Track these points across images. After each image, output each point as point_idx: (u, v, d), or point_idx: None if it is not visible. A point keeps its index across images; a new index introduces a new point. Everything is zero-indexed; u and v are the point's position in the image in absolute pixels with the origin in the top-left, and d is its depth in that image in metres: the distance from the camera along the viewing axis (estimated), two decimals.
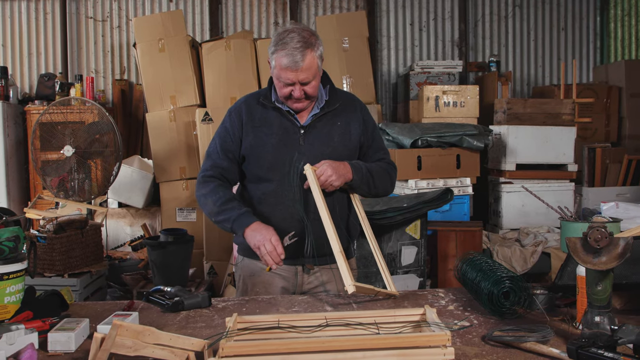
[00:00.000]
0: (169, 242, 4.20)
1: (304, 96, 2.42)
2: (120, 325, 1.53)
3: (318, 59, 2.40)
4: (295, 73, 2.35)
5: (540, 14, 7.66)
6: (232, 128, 2.54)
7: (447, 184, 5.07)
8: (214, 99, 5.56)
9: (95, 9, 7.16)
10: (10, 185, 5.80)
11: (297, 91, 2.39)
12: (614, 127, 6.79)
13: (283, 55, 2.34)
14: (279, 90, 2.45)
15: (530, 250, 4.74)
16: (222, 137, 2.56)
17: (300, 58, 2.32)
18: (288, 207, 2.46)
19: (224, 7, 7.29)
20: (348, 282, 2.12)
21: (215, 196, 2.45)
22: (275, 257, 2.28)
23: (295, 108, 2.48)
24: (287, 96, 2.43)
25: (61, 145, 4.47)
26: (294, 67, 2.33)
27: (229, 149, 2.53)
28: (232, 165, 2.54)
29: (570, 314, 2.09)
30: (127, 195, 5.69)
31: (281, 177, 2.47)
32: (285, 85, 2.40)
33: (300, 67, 2.33)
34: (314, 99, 2.50)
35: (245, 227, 2.36)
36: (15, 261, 2.03)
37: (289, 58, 2.33)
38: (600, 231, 1.77)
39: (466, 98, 5.81)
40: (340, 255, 2.21)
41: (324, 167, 2.39)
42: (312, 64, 2.37)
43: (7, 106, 5.79)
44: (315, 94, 2.47)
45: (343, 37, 5.70)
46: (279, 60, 2.36)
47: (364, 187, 2.54)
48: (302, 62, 2.33)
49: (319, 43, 2.42)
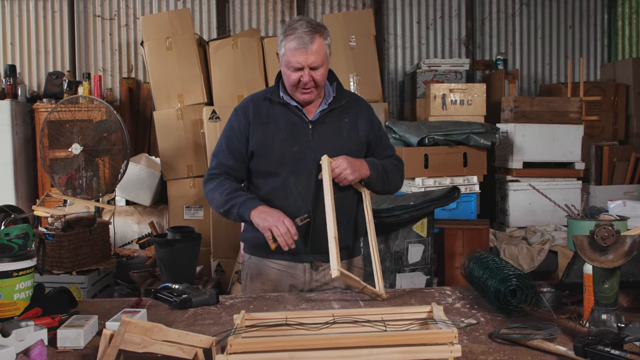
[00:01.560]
0: (177, 240, 4.23)
1: (313, 84, 2.42)
2: (129, 322, 1.54)
3: (327, 47, 2.42)
4: (304, 55, 2.36)
5: (548, 12, 7.64)
6: (238, 126, 2.55)
7: (454, 182, 5.06)
8: (221, 97, 5.57)
9: (103, 7, 7.19)
10: (19, 182, 5.83)
11: (306, 76, 2.39)
12: (622, 125, 6.77)
13: (292, 39, 2.36)
14: (287, 79, 2.45)
15: (538, 248, 4.73)
16: (228, 136, 2.57)
17: (309, 40, 2.35)
18: (297, 200, 2.47)
19: (231, 5, 7.30)
20: (334, 266, 2.12)
21: (221, 188, 2.46)
22: (288, 239, 2.28)
23: (303, 100, 2.48)
24: (295, 84, 2.43)
25: (69, 143, 4.49)
26: (304, 48, 2.35)
27: (235, 148, 2.54)
28: (238, 164, 2.55)
29: (577, 312, 2.09)
30: (134, 193, 5.71)
31: (290, 171, 2.47)
32: (294, 70, 2.40)
33: (309, 49, 2.35)
34: (321, 91, 2.51)
35: (251, 209, 2.36)
36: (24, 258, 2.05)
37: (298, 40, 2.35)
38: (607, 229, 1.77)
39: (473, 96, 5.80)
40: (334, 240, 2.21)
41: (340, 160, 2.40)
42: (321, 48, 2.38)
43: (15, 104, 5.82)
44: (323, 83, 2.48)
45: (350, 35, 5.70)
46: (288, 45, 2.38)
47: (379, 183, 2.55)
48: (310, 44, 2.35)
49: (327, 33, 2.45)
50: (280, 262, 2.57)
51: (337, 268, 2.11)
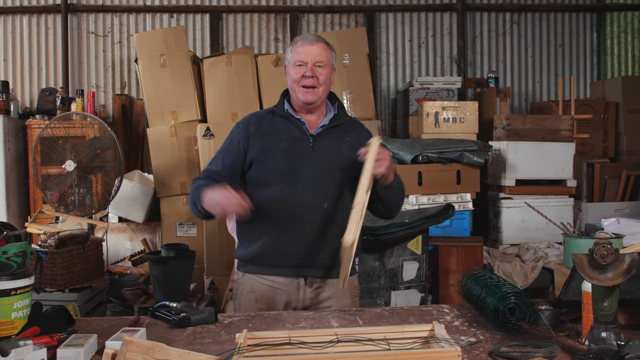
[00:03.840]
0: (171, 258, 4.21)
1: (315, 81, 2.48)
2: (131, 341, 1.54)
3: (332, 56, 2.55)
4: (309, 50, 2.48)
5: (538, 31, 7.72)
6: (237, 138, 2.57)
7: (447, 199, 5.08)
8: (215, 115, 5.58)
9: (97, 25, 7.20)
10: (10, 199, 5.80)
11: (309, 70, 2.47)
12: (612, 143, 6.83)
13: (299, 41, 2.54)
14: (291, 78, 2.53)
15: (531, 265, 4.75)
16: (225, 147, 2.60)
17: (314, 40, 2.52)
18: (293, 212, 2.47)
19: (225, 23, 7.34)
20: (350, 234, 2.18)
21: (193, 187, 2.46)
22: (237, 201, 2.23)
23: (305, 100, 2.50)
24: (298, 80, 2.49)
25: (62, 159, 4.48)
26: (309, 45, 2.49)
27: (229, 157, 2.56)
28: (227, 173, 2.53)
29: (576, 330, 2.10)
30: (127, 210, 5.69)
31: (288, 183, 2.48)
32: (298, 65, 2.49)
33: (314, 46, 2.49)
34: (323, 95, 2.54)
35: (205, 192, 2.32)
36: (22, 276, 2.04)
37: (304, 40, 2.53)
38: (607, 247, 1.78)
39: (465, 114, 5.84)
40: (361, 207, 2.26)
41: (386, 151, 2.42)
42: (326, 52, 2.52)
43: (8, 120, 5.80)
44: (325, 86, 2.53)
45: (343, 54, 5.73)
46: (294, 47, 2.53)
47: (396, 191, 2.56)
48: (316, 43, 2.50)
49: (332, 48, 2.58)
50: (274, 278, 2.56)
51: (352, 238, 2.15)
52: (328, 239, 2.51)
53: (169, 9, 7.27)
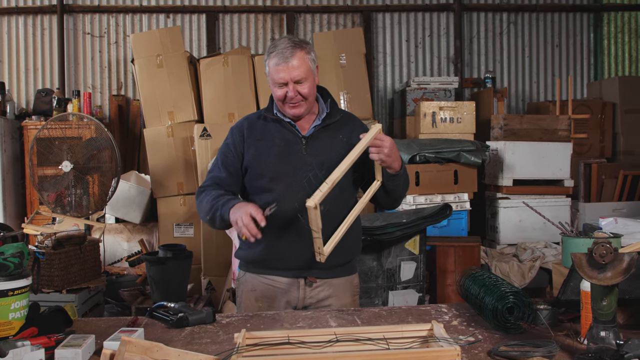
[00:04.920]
0: (168, 258, 4.20)
1: (300, 98, 2.44)
2: (129, 342, 1.53)
3: (310, 62, 2.45)
4: (286, 70, 2.39)
5: (535, 31, 7.74)
6: (233, 143, 2.57)
7: (444, 199, 5.08)
8: (212, 115, 5.57)
9: (93, 25, 7.19)
10: (7, 200, 5.78)
11: (291, 91, 2.42)
12: (609, 143, 6.84)
13: (274, 56, 2.42)
14: (274, 95, 2.49)
15: (528, 265, 4.75)
16: (223, 153, 2.59)
17: (289, 54, 2.39)
18: (290, 216, 2.46)
19: (221, 23, 7.33)
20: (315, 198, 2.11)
21: (208, 196, 2.45)
22: (252, 229, 2.21)
23: (293, 114, 2.49)
24: (282, 99, 2.45)
25: (59, 160, 4.46)
26: (284, 63, 2.39)
27: (230, 163, 2.55)
28: (231, 178, 2.54)
29: (574, 329, 2.10)
30: (124, 211, 5.68)
31: (284, 187, 2.47)
32: (279, 86, 2.43)
33: (290, 64, 2.39)
34: (311, 105, 2.51)
35: (230, 209, 2.32)
36: (20, 277, 2.03)
37: (279, 56, 2.40)
38: (606, 247, 1.78)
39: (462, 114, 5.85)
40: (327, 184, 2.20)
41: (389, 139, 2.39)
42: (303, 62, 2.42)
43: (4, 121, 5.79)
44: (311, 97, 2.49)
45: (340, 54, 5.73)
46: (270, 62, 2.43)
47: (402, 179, 2.53)
48: (291, 58, 2.39)
49: (310, 48, 2.48)
50: (274, 278, 2.56)
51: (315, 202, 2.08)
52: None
53: (165, 10, 7.26)
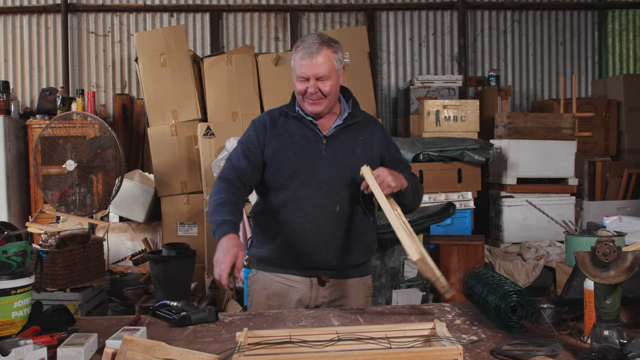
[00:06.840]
0: (172, 257, 4.20)
1: (320, 95, 2.42)
2: (131, 340, 1.53)
3: (336, 61, 2.43)
4: (309, 66, 2.38)
5: (539, 29, 7.71)
6: (255, 135, 2.54)
7: (448, 198, 5.07)
8: (215, 114, 5.57)
9: (97, 24, 7.20)
10: (11, 199, 5.79)
11: (312, 87, 2.41)
12: (613, 141, 6.82)
13: (300, 50, 2.42)
14: (296, 90, 2.48)
15: (532, 264, 4.74)
16: (244, 143, 2.56)
17: (315, 50, 2.38)
18: (307, 214, 2.45)
19: (225, 22, 7.33)
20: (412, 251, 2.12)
21: (217, 196, 2.41)
22: (223, 280, 2.13)
23: (311, 111, 2.47)
24: (302, 94, 2.44)
25: (63, 159, 4.47)
26: (309, 58, 2.38)
27: (251, 153, 2.52)
28: (251, 168, 2.50)
29: (578, 328, 2.09)
30: (128, 210, 5.68)
31: (302, 185, 2.46)
32: (301, 80, 2.42)
33: (314, 59, 2.38)
34: (331, 104, 2.50)
35: (220, 237, 2.26)
36: (23, 276, 2.03)
37: (305, 51, 2.40)
38: (609, 245, 1.77)
39: (466, 112, 5.83)
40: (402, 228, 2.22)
41: (380, 169, 2.38)
42: (328, 60, 2.40)
43: (8, 120, 5.79)
44: (333, 96, 2.47)
45: (344, 52, 5.72)
46: (296, 56, 2.43)
47: (411, 196, 2.53)
48: (317, 54, 2.38)
49: (338, 47, 2.47)
50: (287, 276, 2.55)
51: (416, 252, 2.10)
52: (341, 242, 2.50)
53: (169, 8, 7.27)
